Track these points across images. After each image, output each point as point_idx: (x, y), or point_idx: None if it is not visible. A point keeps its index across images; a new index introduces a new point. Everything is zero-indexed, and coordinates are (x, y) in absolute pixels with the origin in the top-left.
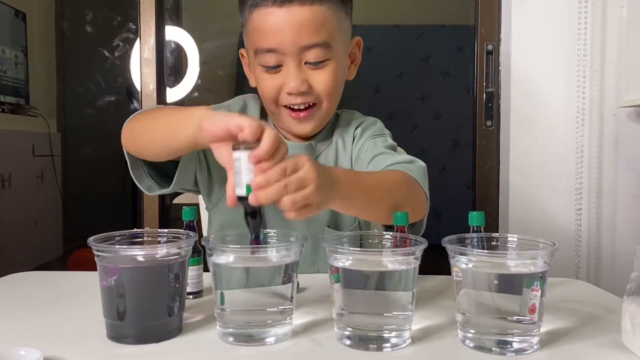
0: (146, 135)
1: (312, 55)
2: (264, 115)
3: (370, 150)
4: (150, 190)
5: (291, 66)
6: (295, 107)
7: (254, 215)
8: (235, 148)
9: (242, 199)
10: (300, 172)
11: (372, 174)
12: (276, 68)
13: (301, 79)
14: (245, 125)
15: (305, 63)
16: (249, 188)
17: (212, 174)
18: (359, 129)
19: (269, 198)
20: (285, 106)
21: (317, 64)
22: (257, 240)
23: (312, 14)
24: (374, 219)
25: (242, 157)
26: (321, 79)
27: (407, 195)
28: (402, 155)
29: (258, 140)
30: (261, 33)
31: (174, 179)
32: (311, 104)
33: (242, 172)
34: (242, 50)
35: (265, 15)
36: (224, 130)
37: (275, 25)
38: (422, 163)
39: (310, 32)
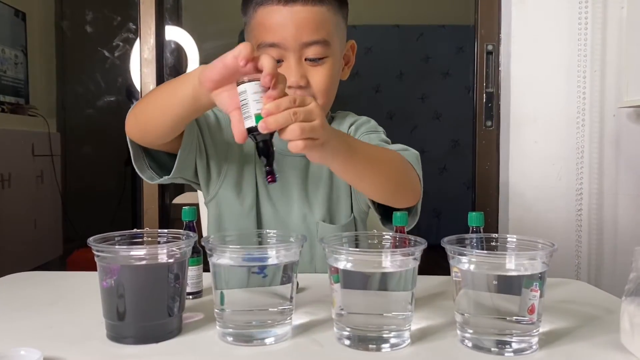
0: (149, 110)
1: (311, 52)
2: None
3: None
4: (152, 179)
5: (292, 61)
6: None
7: (266, 145)
8: (239, 83)
9: (252, 131)
10: (309, 105)
11: (373, 146)
12: (278, 63)
13: (300, 74)
14: (239, 51)
15: (305, 59)
16: (257, 118)
17: (211, 164)
18: (353, 127)
19: (279, 123)
20: None
21: (316, 61)
22: (272, 171)
23: (313, 13)
24: (368, 190)
25: (248, 88)
26: (319, 75)
27: (403, 174)
28: (396, 145)
29: (259, 71)
30: (265, 28)
31: (174, 166)
32: None
33: (250, 104)
34: None
35: (270, 12)
36: (223, 69)
37: (278, 22)
38: (415, 151)
39: (311, 30)
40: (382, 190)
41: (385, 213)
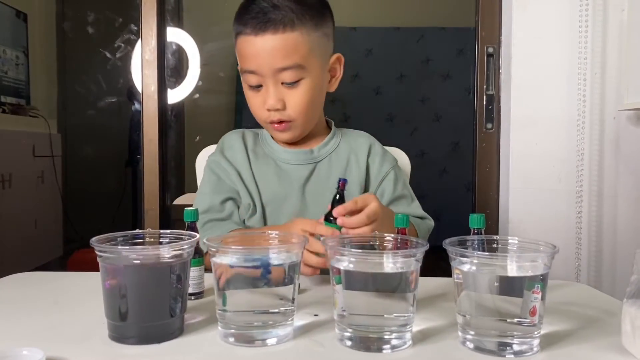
0: None
1: (286, 77)
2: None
3: (391, 188)
4: None
5: (269, 86)
6: (274, 122)
7: None
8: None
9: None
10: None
11: None
12: (258, 87)
13: (277, 98)
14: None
15: (282, 83)
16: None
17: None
18: (377, 161)
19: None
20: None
21: (292, 84)
22: None
23: (283, 40)
24: None
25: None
26: (295, 98)
27: None
28: (417, 209)
29: None
30: (243, 57)
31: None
32: (283, 120)
33: None
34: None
35: (246, 41)
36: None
37: (252, 51)
38: (431, 222)
39: (282, 57)
40: None
41: None
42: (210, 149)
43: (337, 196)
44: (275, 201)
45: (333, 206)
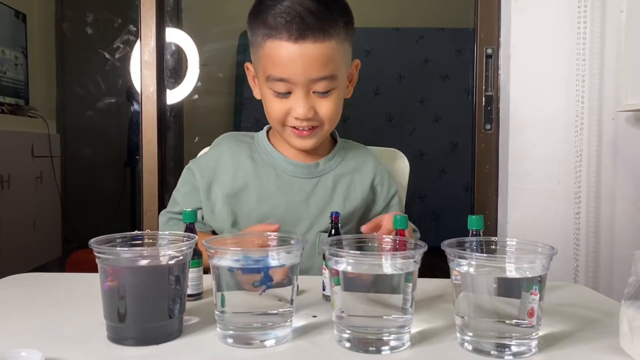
0: None
1: (320, 87)
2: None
3: (396, 209)
4: None
5: (300, 95)
6: (301, 128)
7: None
8: None
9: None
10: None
11: None
12: (286, 95)
13: (308, 107)
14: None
15: (313, 92)
16: None
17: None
18: (380, 173)
19: None
20: (290, 126)
21: (324, 94)
22: None
23: (321, 49)
24: None
25: None
26: (326, 107)
27: None
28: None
29: None
30: (274, 63)
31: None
32: (315, 126)
33: None
34: (248, 64)
35: (279, 47)
36: None
37: (288, 59)
38: (418, 234)
39: (320, 67)
40: None
41: None
42: None
43: (333, 230)
44: (275, 215)
45: (330, 234)
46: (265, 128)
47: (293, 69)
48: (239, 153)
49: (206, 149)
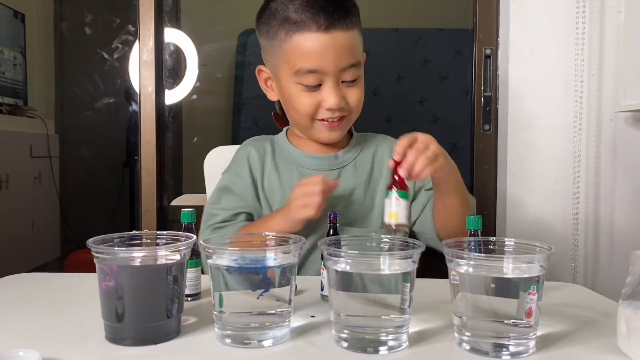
0: None
1: (349, 75)
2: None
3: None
4: None
5: (331, 85)
6: (331, 120)
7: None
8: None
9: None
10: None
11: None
12: (316, 87)
13: (340, 96)
14: (321, 185)
15: (342, 82)
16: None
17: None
18: None
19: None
20: (320, 119)
21: (351, 82)
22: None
23: (349, 38)
24: (452, 219)
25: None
26: (354, 95)
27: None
28: None
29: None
30: (304, 55)
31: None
32: (343, 115)
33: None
34: (261, 67)
35: (309, 38)
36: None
37: (319, 49)
38: (473, 201)
39: (349, 55)
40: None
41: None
42: (219, 151)
43: (331, 230)
44: None
45: (328, 234)
46: (285, 129)
47: (325, 58)
48: (263, 153)
49: (220, 148)
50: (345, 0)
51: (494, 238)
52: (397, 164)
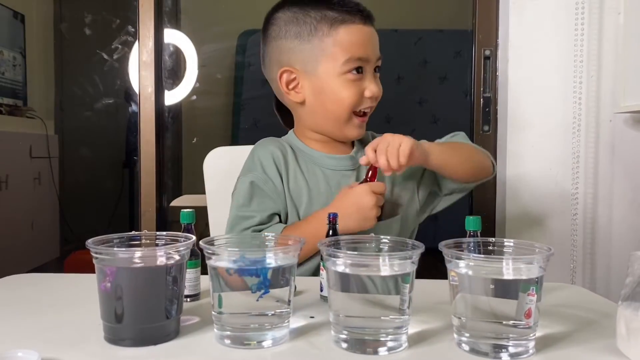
0: None
1: (378, 65)
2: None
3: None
4: None
5: (370, 74)
6: (365, 112)
7: None
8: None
9: None
10: (399, 147)
11: (444, 143)
12: (361, 74)
13: (380, 86)
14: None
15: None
16: None
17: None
18: None
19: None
20: (356, 113)
21: (377, 73)
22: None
23: (376, 33)
24: (463, 173)
25: None
26: (379, 86)
27: (473, 151)
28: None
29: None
30: (353, 44)
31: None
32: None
33: None
34: (287, 68)
35: (355, 30)
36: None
37: (364, 39)
38: (462, 132)
39: (378, 46)
40: (471, 170)
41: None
42: (218, 151)
43: (331, 231)
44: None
45: (328, 235)
46: (291, 132)
47: (368, 47)
48: (285, 153)
49: (221, 148)
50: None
51: (493, 239)
52: (369, 170)
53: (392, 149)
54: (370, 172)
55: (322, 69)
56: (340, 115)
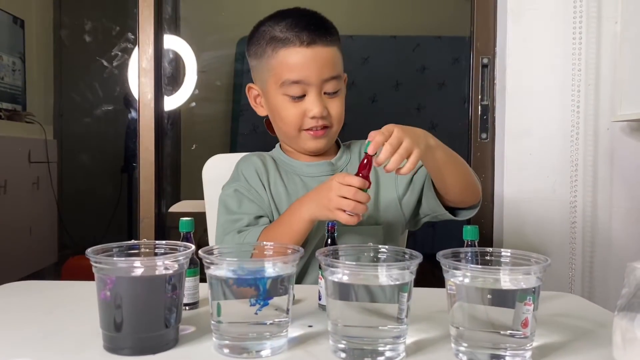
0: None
1: (330, 87)
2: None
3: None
4: None
5: (314, 95)
6: (315, 129)
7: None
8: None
9: None
10: (403, 142)
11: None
12: (301, 97)
13: (323, 106)
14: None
15: (324, 93)
16: None
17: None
18: None
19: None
20: (306, 129)
21: (333, 94)
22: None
23: (329, 53)
24: (453, 186)
25: None
26: (335, 106)
27: (469, 172)
28: None
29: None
30: (289, 67)
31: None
32: (327, 125)
33: None
34: (251, 85)
35: (293, 53)
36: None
37: (302, 62)
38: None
39: (330, 67)
40: (464, 185)
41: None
42: (217, 158)
43: (329, 240)
44: None
45: (326, 244)
46: (277, 145)
47: (308, 70)
48: (266, 163)
49: (219, 156)
50: (326, 22)
51: (491, 249)
52: (365, 159)
53: (400, 155)
54: (366, 161)
55: (269, 88)
56: (287, 131)
